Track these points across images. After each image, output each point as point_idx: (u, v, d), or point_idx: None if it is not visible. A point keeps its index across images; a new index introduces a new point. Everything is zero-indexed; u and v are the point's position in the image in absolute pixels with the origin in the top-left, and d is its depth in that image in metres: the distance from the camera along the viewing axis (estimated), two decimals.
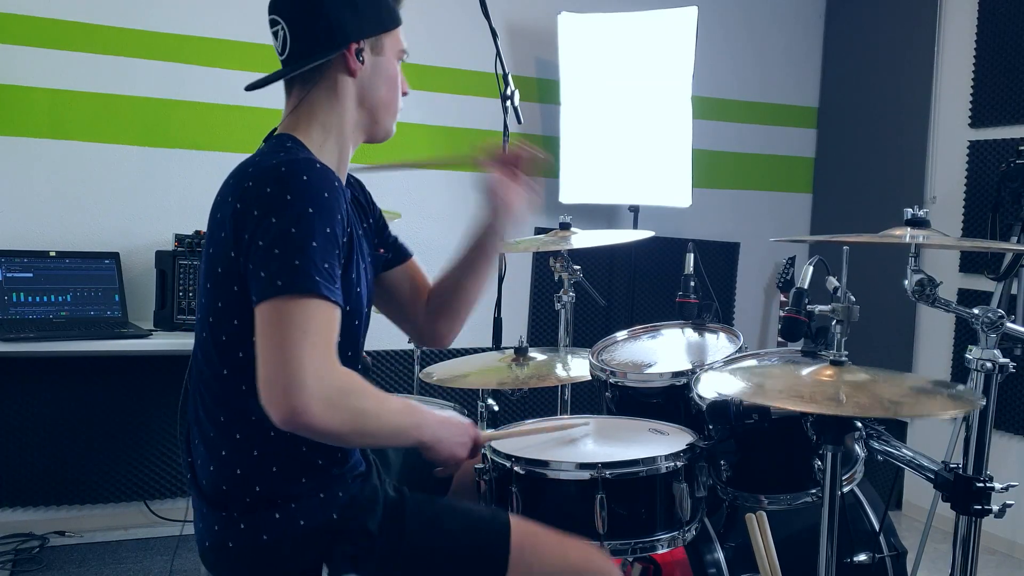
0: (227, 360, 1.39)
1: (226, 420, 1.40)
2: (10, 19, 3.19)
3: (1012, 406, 3.42)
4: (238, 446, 1.40)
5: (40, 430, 3.25)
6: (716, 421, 1.74)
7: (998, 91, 3.57)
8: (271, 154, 1.39)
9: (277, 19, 1.46)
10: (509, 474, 1.66)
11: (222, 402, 1.41)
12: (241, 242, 1.33)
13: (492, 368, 2.33)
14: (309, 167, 1.34)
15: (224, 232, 1.36)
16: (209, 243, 1.41)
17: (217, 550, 1.42)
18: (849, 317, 1.60)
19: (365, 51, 1.49)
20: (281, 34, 1.46)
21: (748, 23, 4.41)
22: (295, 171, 1.33)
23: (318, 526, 1.41)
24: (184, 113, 3.43)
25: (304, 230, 1.29)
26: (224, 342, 1.38)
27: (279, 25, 1.46)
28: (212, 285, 1.38)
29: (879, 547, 1.95)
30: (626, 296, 4.11)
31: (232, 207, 1.35)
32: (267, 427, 1.34)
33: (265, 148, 1.45)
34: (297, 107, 1.48)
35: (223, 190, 1.42)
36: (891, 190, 4.03)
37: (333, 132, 1.50)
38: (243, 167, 1.41)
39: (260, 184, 1.33)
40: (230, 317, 1.37)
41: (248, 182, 1.35)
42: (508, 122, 2.79)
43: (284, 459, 1.40)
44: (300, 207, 1.30)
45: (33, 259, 3.11)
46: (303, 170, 1.33)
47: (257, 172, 1.36)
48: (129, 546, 3.24)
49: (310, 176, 1.33)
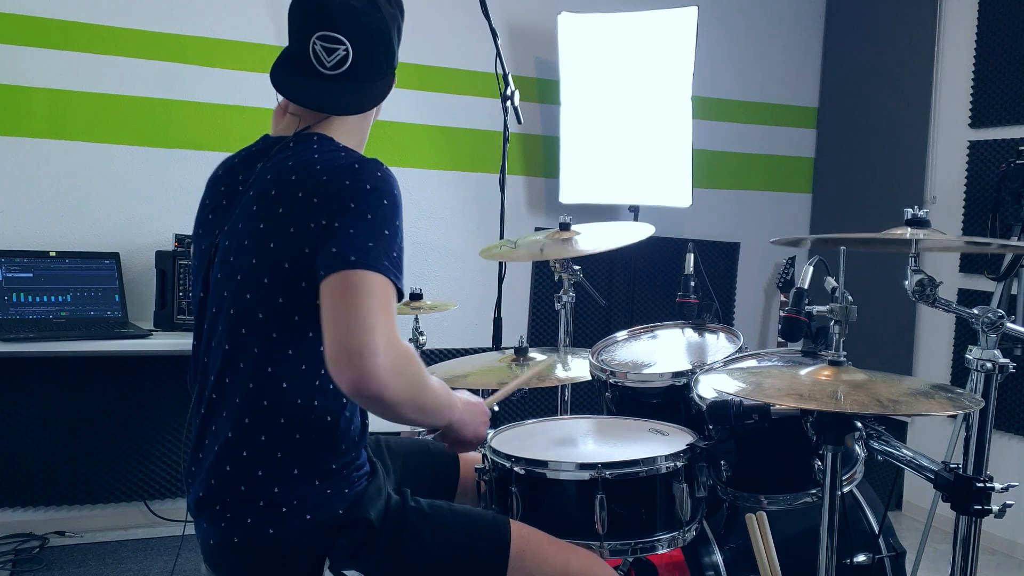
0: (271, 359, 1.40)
1: (251, 421, 1.41)
2: (10, 19, 3.19)
3: (1012, 406, 3.42)
4: (261, 447, 1.40)
5: (40, 430, 3.25)
6: (716, 421, 1.74)
7: (998, 91, 3.57)
8: (332, 153, 1.45)
9: (341, 39, 1.50)
10: (509, 474, 1.66)
11: (251, 401, 1.41)
12: (308, 229, 1.36)
13: (492, 368, 2.33)
14: (381, 165, 1.43)
15: (295, 227, 1.38)
16: (266, 238, 1.41)
17: (221, 546, 1.42)
18: (847, 317, 1.60)
19: None
20: (341, 53, 1.51)
21: (748, 23, 4.41)
22: (369, 167, 1.41)
23: (324, 521, 1.42)
24: (184, 113, 3.43)
25: (379, 218, 1.36)
26: (275, 339, 1.39)
27: (343, 45, 1.50)
28: (271, 279, 1.39)
29: (878, 548, 1.95)
30: (626, 296, 4.11)
31: (304, 202, 1.38)
32: (294, 430, 1.38)
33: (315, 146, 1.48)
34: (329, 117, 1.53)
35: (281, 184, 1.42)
36: (891, 190, 4.03)
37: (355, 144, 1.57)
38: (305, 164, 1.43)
39: (337, 177, 1.39)
40: (291, 314, 1.39)
41: (323, 176, 1.40)
42: (508, 122, 2.79)
43: (305, 461, 1.41)
44: (376, 198, 1.37)
45: (33, 259, 3.11)
46: (377, 167, 1.42)
47: (330, 167, 1.41)
48: (129, 546, 3.23)
49: (383, 173, 1.41)
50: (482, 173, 3.89)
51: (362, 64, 1.52)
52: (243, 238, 1.43)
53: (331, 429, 1.44)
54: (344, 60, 1.51)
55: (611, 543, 1.60)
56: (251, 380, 1.40)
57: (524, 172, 4.05)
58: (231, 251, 1.45)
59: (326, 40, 1.51)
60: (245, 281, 1.41)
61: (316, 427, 1.42)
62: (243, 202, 1.47)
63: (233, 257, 1.44)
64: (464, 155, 3.90)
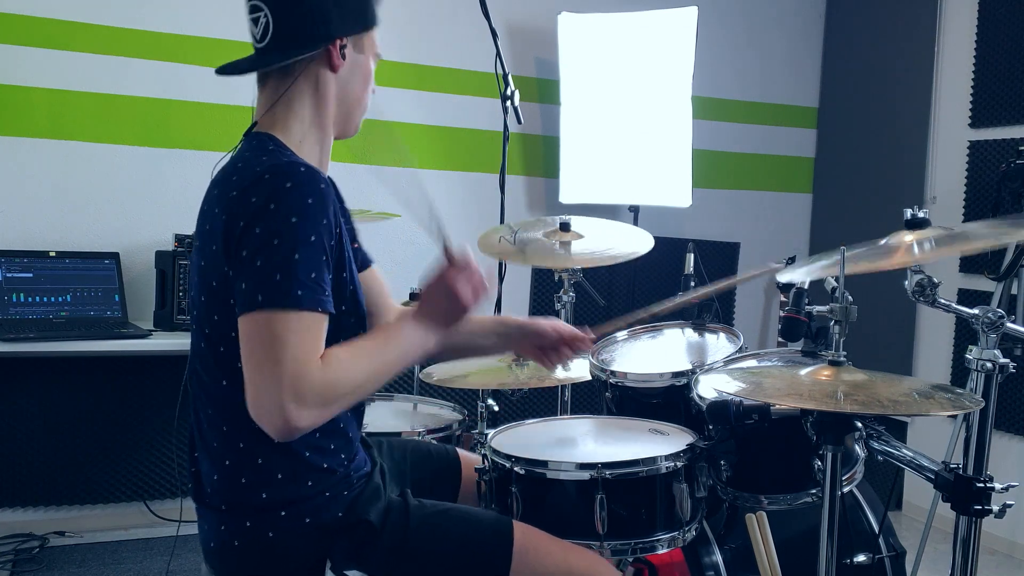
0: (226, 371, 1.37)
1: (229, 430, 1.40)
2: (10, 19, 3.19)
3: (1012, 406, 3.42)
4: (242, 455, 1.40)
5: (40, 430, 3.24)
6: (716, 421, 1.74)
7: (998, 91, 3.57)
8: (254, 158, 1.37)
9: (260, 5, 1.44)
10: (509, 474, 1.66)
11: (224, 412, 1.40)
12: (231, 255, 1.32)
13: (492, 368, 2.34)
14: (293, 171, 1.32)
15: (215, 245, 1.34)
16: (200, 255, 1.39)
17: (222, 549, 1.43)
18: (847, 317, 1.60)
19: (348, 47, 1.47)
20: (263, 21, 1.44)
21: (748, 23, 4.41)
22: (278, 179, 1.31)
23: (323, 523, 1.42)
24: (183, 113, 3.43)
25: (287, 241, 1.27)
26: (223, 353, 1.37)
27: (261, 12, 1.44)
28: (207, 298, 1.37)
29: (878, 548, 1.95)
30: (626, 296, 4.11)
31: (220, 219, 1.33)
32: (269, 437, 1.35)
33: (246, 149, 1.43)
34: (275, 103, 1.46)
35: (209, 199, 1.40)
36: (891, 190, 4.03)
37: (314, 128, 1.48)
38: (226, 174, 1.39)
39: (245, 194, 1.31)
40: (227, 329, 1.35)
41: (233, 191, 1.33)
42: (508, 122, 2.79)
43: (289, 465, 1.40)
44: (284, 216, 1.28)
45: (33, 259, 3.11)
46: (287, 176, 1.31)
47: (241, 181, 1.34)
48: (129, 546, 3.23)
49: (294, 181, 1.31)
50: (482, 173, 3.89)
51: (284, 30, 1.42)
52: (193, 272, 1.42)
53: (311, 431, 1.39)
54: (267, 29, 1.43)
55: (611, 543, 1.60)
56: (218, 392, 1.38)
57: (524, 172, 4.05)
58: (191, 282, 1.45)
59: (251, 11, 1.46)
60: (204, 317, 1.39)
61: None
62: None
63: (193, 288, 1.43)
64: (464, 155, 3.90)
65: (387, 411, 2.55)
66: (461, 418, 2.40)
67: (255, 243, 1.28)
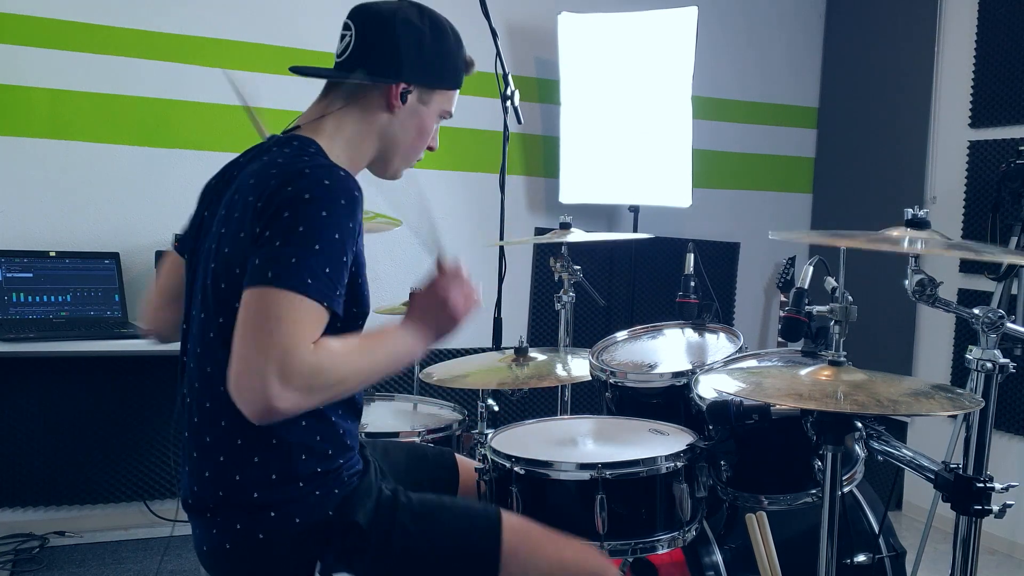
0: None
1: (228, 425, 1.39)
2: (10, 19, 3.19)
3: (1012, 406, 3.42)
4: (237, 452, 1.39)
5: (40, 430, 3.24)
6: (716, 421, 1.74)
7: (998, 91, 3.57)
8: (295, 158, 1.40)
9: (351, 24, 1.51)
10: (509, 474, 1.66)
11: (226, 407, 1.37)
12: (253, 235, 1.33)
13: (492, 368, 2.33)
14: (333, 172, 1.36)
15: (243, 232, 1.35)
16: (223, 242, 1.39)
17: (214, 552, 1.43)
18: (847, 317, 1.61)
19: (412, 94, 1.52)
20: (347, 39, 1.51)
21: (748, 23, 4.41)
22: (318, 174, 1.35)
23: (314, 523, 1.41)
24: (184, 113, 3.42)
25: (312, 231, 1.29)
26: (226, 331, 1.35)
27: (349, 32, 1.51)
28: (227, 285, 1.36)
29: (878, 548, 1.95)
30: (626, 296, 4.11)
31: (253, 206, 1.34)
32: (270, 436, 1.35)
33: (288, 150, 1.44)
34: (325, 116, 1.50)
35: (242, 188, 1.40)
36: (891, 190, 4.03)
37: (348, 151, 1.51)
38: (265, 167, 1.40)
39: (282, 184, 1.33)
40: (231, 301, 1.34)
41: (272, 182, 1.35)
42: (508, 122, 2.79)
43: (284, 466, 1.39)
44: (314, 209, 1.31)
45: (33, 259, 3.11)
46: (325, 175, 1.35)
47: (281, 173, 1.36)
48: (129, 546, 3.23)
49: (331, 180, 1.34)
50: (482, 173, 3.89)
51: (358, 54, 1.49)
52: (212, 242, 1.42)
53: (312, 434, 1.41)
54: (347, 48, 1.50)
55: (611, 543, 1.61)
56: (222, 384, 1.35)
57: (524, 172, 4.05)
58: (205, 254, 1.44)
59: (343, 27, 1.52)
60: (210, 285, 1.39)
61: (296, 432, 1.39)
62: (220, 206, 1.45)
63: (205, 260, 1.43)
64: (464, 155, 3.89)
65: (387, 411, 2.55)
66: (461, 418, 2.40)
67: (281, 226, 1.30)
